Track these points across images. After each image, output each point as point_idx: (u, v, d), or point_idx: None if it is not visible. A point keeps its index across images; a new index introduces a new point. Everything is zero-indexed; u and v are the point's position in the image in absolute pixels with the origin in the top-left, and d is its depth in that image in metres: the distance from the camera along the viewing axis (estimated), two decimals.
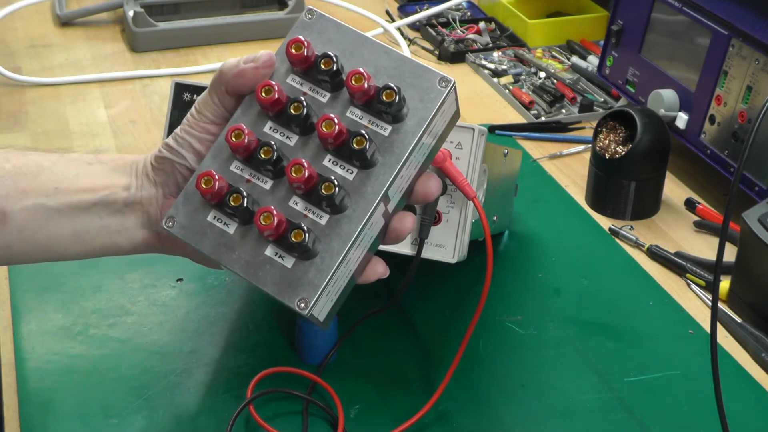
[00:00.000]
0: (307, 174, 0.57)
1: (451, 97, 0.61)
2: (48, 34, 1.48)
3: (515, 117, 1.27)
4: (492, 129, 1.21)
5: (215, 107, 0.62)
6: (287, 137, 0.60)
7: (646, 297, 0.93)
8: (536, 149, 1.18)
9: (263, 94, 0.59)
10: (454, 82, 0.60)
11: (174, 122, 0.78)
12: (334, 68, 0.59)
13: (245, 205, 0.58)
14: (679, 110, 1.09)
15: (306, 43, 0.59)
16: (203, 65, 1.38)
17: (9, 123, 1.23)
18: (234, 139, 0.58)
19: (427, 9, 1.51)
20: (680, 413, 0.79)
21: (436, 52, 1.43)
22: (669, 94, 1.09)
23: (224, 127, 0.61)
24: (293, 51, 0.59)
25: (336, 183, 0.57)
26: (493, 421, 0.78)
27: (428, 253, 0.74)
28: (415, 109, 0.59)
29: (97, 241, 0.65)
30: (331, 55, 0.59)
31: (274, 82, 0.59)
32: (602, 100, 1.29)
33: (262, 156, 0.58)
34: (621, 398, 0.80)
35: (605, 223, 1.04)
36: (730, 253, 0.92)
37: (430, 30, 1.47)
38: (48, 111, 1.26)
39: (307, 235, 0.56)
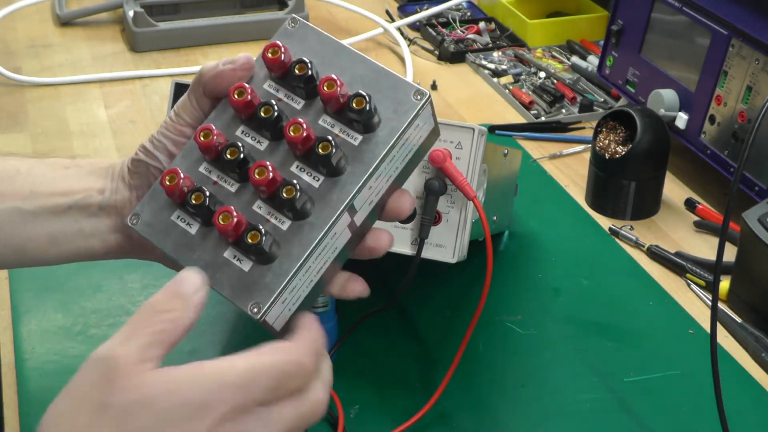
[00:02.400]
0: (270, 176, 0.56)
1: (426, 112, 0.59)
2: (48, 34, 1.48)
3: (515, 117, 1.27)
4: (492, 129, 1.21)
5: (193, 110, 0.62)
6: (258, 141, 0.59)
7: (646, 297, 0.93)
8: (536, 149, 1.18)
9: (236, 96, 0.58)
10: (430, 96, 0.59)
11: None
12: (309, 74, 0.58)
13: (207, 204, 0.57)
14: (679, 110, 1.09)
15: (283, 48, 0.59)
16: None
17: (9, 123, 1.23)
18: (202, 139, 0.58)
19: (427, 9, 1.51)
20: (680, 413, 0.79)
21: (436, 52, 1.43)
22: (669, 94, 1.09)
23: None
24: (269, 55, 0.59)
25: (298, 187, 0.56)
26: (493, 421, 0.78)
27: (428, 253, 0.74)
28: (388, 120, 0.58)
29: (72, 244, 0.65)
30: (306, 60, 0.58)
31: (248, 85, 0.58)
32: (602, 100, 1.29)
33: (228, 157, 0.58)
34: (621, 398, 0.80)
35: (605, 223, 1.04)
36: (730, 253, 0.92)
37: (430, 30, 1.47)
38: (48, 111, 1.26)
39: (263, 237, 0.55)
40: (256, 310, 0.56)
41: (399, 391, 0.81)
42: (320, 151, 0.56)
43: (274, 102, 0.59)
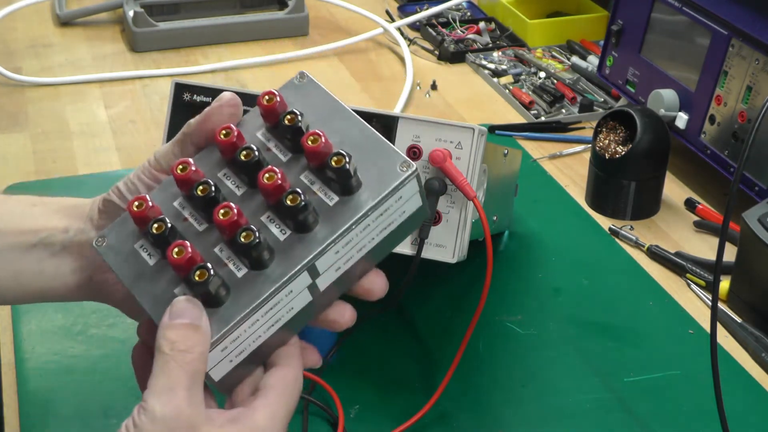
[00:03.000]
0: (234, 219, 0.54)
1: (412, 186, 0.57)
2: (48, 34, 1.48)
3: (515, 117, 1.27)
4: (492, 129, 1.21)
5: (174, 158, 0.60)
6: (237, 186, 0.58)
7: (646, 297, 0.93)
8: (536, 149, 1.18)
9: (222, 136, 0.57)
10: (416, 170, 0.56)
11: (174, 123, 0.78)
12: (297, 126, 0.57)
13: (166, 234, 0.56)
14: (679, 110, 1.09)
15: (278, 97, 0.57)
16: (203, 65, 1.38)
17: (9, 123, 1.23)
18: (179, 171, 0.57)
19: (427, 9, 1.51)
20: (680, 413, 0.79)
21: (436, 52, 1.43)
22: (669, 94, 1.09)
23: None
24: (264, 101, 0.58)
25: (257, 234, 0.54)
26: (493, 421, 0.78)
27: (428, 253, 0.74)
28: (369, 186, 0.56)
29: (35, 284, 0.64)
30: (297, 112, 0.57)
31: (235, 128, 0.57)
32: (602, 100, 1.29)
33: (198, 193, 0.56)
34: (621, 398, 0.80)
35: (605, 223, 1.04)
36: (730, 253, 0.92)
37: (430, 30, 1.47)
38: (48, 111, 1.26)
39: (211, 277, 0.54)
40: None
41: (399, 391, 0.81)
42: (288, 202, 0.54)
43: (255, 147, 0.57)
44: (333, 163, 0.55)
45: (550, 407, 0.80)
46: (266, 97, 0.58)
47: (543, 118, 1.25)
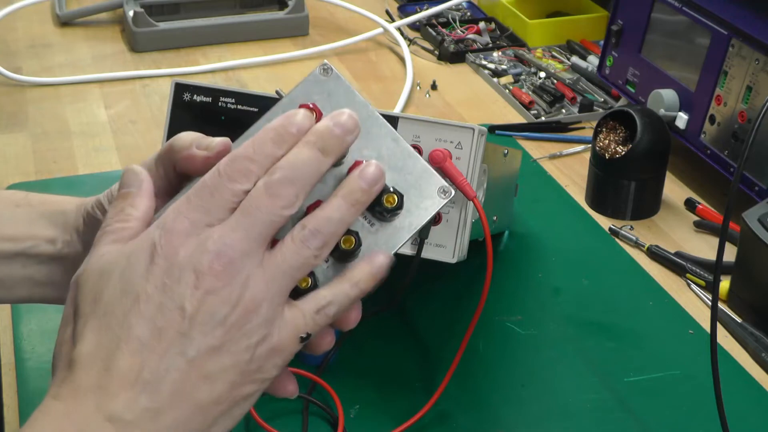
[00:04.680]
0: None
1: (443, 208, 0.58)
2: (48, 34, 1.48)
3: (515, 117, 1.27)
4: (492, 129, 1.21)
5: (158, 179, 0.57)
6: None
7: (646, 297, 0.93)
8: (536, 149, 1.18)
9: None
10: (453, 195, 0.57)
11: (174, 123, 0.78)
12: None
13: None
14: (679, 110, 1.09)
15: (319, 114, 0.55)
16: (203, 65, 1.38)
17: (9, 123, 1.23)
18: None
19: (427, 9, 1.52)
20: (680, 413, 0.79)
21: (436, 52, 1.43)
22: (669, 94, 1.09)
23: (166, 201, 0.57)
24: None
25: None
26: (493, 421, 0.78)
27: (428, 253, 0.74)
28: (410, 212, 0.56)
29: (23, 290, 0.64)
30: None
31: None
32: (602, 100, 1.29)
33: None
34: (621, 398, 0.80)
35: (605, 223, 1.04)
36: (730, 253, 0.92)
37: (430, 30, 1.47)
38: (48, 111, 1.26)
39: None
40: None
41: (399, 391, 0.81)
42: (343, 245, 0.54)
43: None
44: (386, 204, 0.55)
45: (550, 407, 0.80)
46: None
47: (543, 118, 1.25)
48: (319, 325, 0.52)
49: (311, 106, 0.55)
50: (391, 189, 0.55)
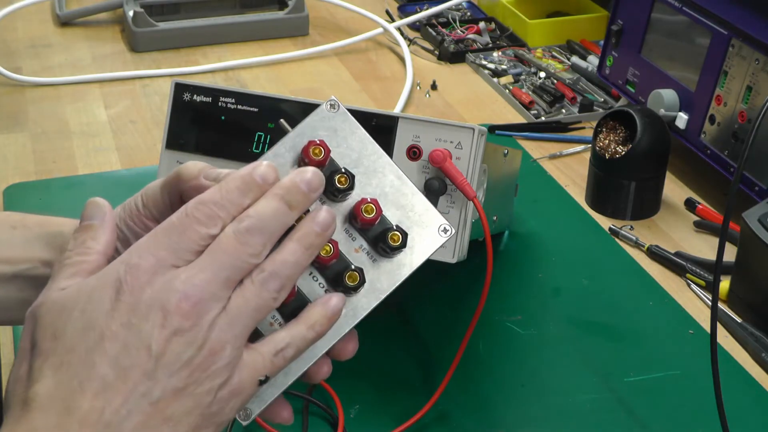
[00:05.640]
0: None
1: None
2: (48, 34, 1.48)
3: (515, 117, 1.27)
4: (492, 129, 1.21)
5: (164, 207, 0.57)
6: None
7: (646, 297, 0.93)
8: (536, 149, 1.18)
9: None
10: (454, 233, 0.58)
11: (174, 123, 0.78)
12: (348, 186, 0.56)
13: None
14: (679, 110, 1.09)
15: (326, 150, 0.56)
16: (203, 65, 1.38)
17: (9, 123, 1.23)
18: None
19: (427, 9, 1.51)
20: (680, 413, 0.79)
21: (436, 52, 1.43)
22: (669, 94, 1.09)
23: None
24: (312, 155, 0.56)
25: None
26: (493, 421, 0.78)
27: None
28: (411, 248, 0.57)
29: (19, 312, 0.62)
30: (351, 174, 0.57)
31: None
32: (602, 100, 1.29)
33: None
34: (621, 398, 0.80)
35: (605, 223, 1.04)
36: (730, 253, 0.92)
37: (430, 30, 1.47)
38: (48, 111, 1.26)
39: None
40: (242, 415, 0.55)
41: (399, 391, 0.81)
42: (348, 281, 0.56)
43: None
44: (391, 241, 0.56)
45: (550, 407, 0.80)
46: (313, 148, 0.56)
47: (543, 118, 1.25)
48: (278, 368, 0.52)
49: (318, 142, 0.56)
50: (395, 227, 0.56)
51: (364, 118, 0.72)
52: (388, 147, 0.72)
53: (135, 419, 0.46)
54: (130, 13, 1.43)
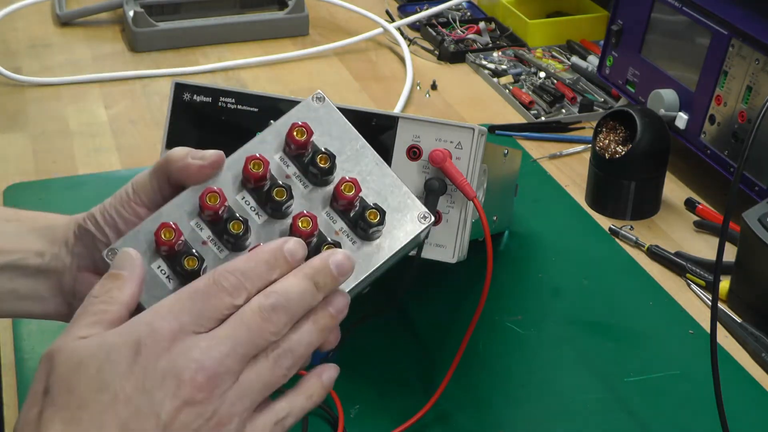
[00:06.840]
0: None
1: (425, 232, 0.60)
2: (48, 34, 1.48)
3: (515, 117, 1.27)
4: (492, 129, 1.21)
5: (153, 193, 0.59)
6: (257, 214, 0.59)
7: (646, 297, 0.93)
8: (536, 149, 1.18)
9: (207, 201, 0.57)
10: (433, 221, 0.59)
11: (174, 123, 0.78)
12: (329, 166, 0.58)
13: (197, 270, 0.57)
14: (679, 110, 1.09)
15: (309, 132, 0.58)
16: (203, 65, 1.38)
17: (9, 123, 1.23)
18: (209, 202, 0.57)
19: (427, 9, 1.51)
20: (680, 413, 0.79)
21: (436, 52, 1.43)
22: (669, 94, 1.09)
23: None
24: (295, 136, 0.58)
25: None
26: (493, 422, 0.78)
27: (428, 253, 0.74)
28: (389, 234, 0.59)
29: (6, 303, 0.63)
30: (332, 154, 0.58)
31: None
32: (602, 100, 1.29)
33: (232, 229, 0.57)
34: (621, 398, 0.80)
35: (605, 223, 1.04)
36: (730, 253, 0.92)
37: (430, 30, 1.47)
38: (48, 111, 1.26)
39: None
40: None
41: (399, 391, 0.81)
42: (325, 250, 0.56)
43: (282, 183, 0.58)
44: (369, 218, 0.57)
45: (550, 407, 0.80)
46: (297, 130, 0.58)
47: (543, 118, 1.25)
48: None
49: (301, 124, 0.58)
50: (372, 205, 0.57)
51: (364, 118, 0.72)
52: (388, 147, 0.72)
53: None
54: (130, 13, 1.43)
